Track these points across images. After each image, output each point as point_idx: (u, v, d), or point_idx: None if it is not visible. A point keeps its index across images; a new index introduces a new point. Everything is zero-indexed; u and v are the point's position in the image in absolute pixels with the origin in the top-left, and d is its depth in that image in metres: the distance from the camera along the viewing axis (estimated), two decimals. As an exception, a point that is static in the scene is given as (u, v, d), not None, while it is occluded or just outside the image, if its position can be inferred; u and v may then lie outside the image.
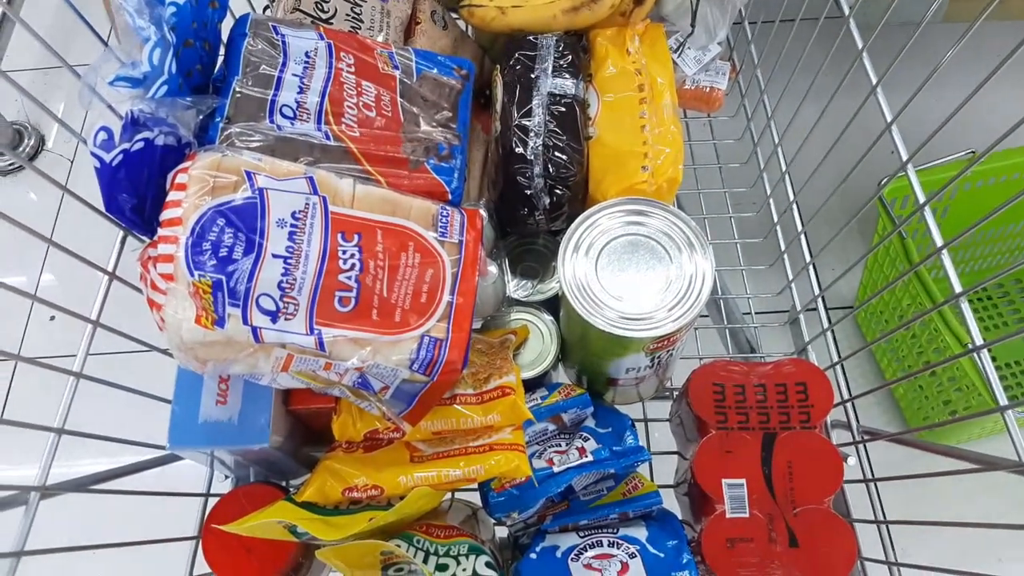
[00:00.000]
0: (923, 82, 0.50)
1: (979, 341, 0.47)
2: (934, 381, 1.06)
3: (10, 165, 1.38)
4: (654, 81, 0.66)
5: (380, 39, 0.66)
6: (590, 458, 0.55)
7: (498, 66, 0.69)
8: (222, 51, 0.54)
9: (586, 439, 0.56)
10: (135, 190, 0.46)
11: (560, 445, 0.56)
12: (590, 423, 0.59)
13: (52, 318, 1.21)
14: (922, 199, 0.51)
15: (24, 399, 1.19)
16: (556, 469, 0.54)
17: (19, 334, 1.23)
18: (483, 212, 0.62)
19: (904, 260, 0.97)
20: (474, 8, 0.71)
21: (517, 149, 0.63)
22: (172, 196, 0.45)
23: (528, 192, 0.63)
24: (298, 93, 0.51)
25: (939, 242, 0.49)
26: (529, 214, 0.65)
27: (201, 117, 0.48)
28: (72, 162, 1.40)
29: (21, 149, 1.39)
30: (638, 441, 0.57)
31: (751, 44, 0.80)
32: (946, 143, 0.67)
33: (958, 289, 0.48)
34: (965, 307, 0.47)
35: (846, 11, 0.59)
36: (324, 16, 0.64)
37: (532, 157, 0.63)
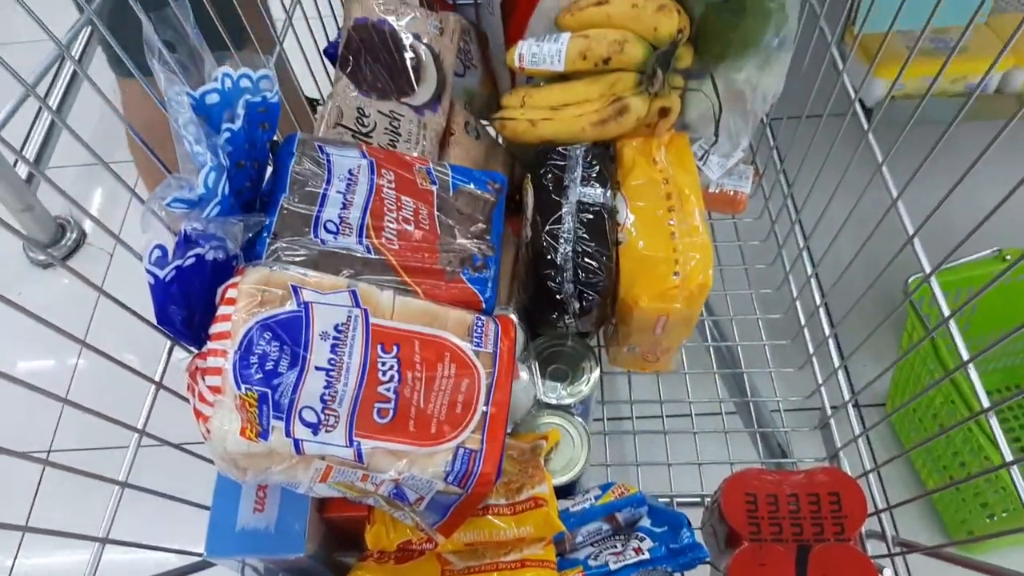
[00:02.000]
0: (944, 197, 0.51)
1: (1008, 456, 0.47)
2: (971, 483, 1.04)
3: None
4: (681, 190, 0.68)
5: (417, 151, 0.69)
6: (646, 555, 0.55)
7: (529, 175, 0.72)
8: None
9: (642, 539, 0.56)
10: (186, 303, 0.48)
11: (616, 547, 0.56)
12: (645, 523, 0.59)
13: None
14: (947, 311, 0.52)
15: (53, 495, 1.20)
16: (613, 567, 0.54)
17: (51, 425, 1.25)
18: (514, 317, 0.64)
19: (935, 359, 0.97)
20: (506, 121, 0.74)
21: (548, 255, 0.65)
22: (222, 310, 0.47)
23: (558, 297, 0.65)
24: (341, 209, 0.53)
25: (965, 355, 0.50)
26: (559, 318, 0.67)
27: (250, 234, 0.50)
28: (112, 255, 1.44)
29: (64, 242, 1.44)
30: (694, 538, 0.57)
31: (773, 150, 0.83)
32: (973, 238, 0.68)
33: (986, 404, 0.48)
34: (994, 422, 0.47)
35: (865, 126, 0.61)
36: (364, 130, 0.68)
37: (562, 263, 0.65)
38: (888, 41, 0.65)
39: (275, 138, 0.56)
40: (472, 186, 0.59)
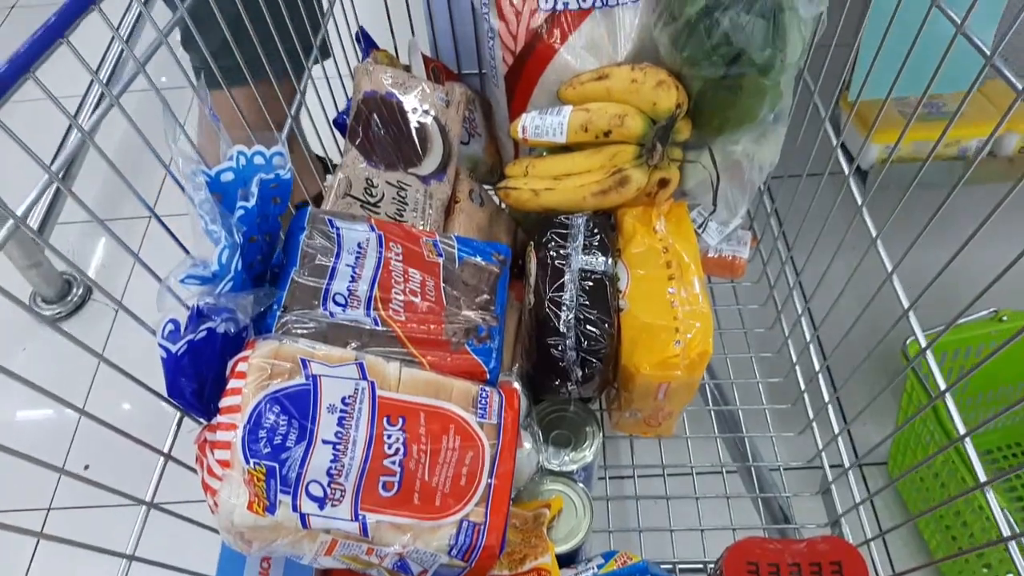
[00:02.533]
0: (939, 272, 0.52)
1: (1005, 530, 0.47)
2: (974, 543, 1.03)
3: (57, 314, 1.44)
4: (681, 258, 0.70)
5: (423, 219, 0.71)
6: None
7: (532, 242, 0.73)
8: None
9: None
10: (197, 376, 0.49)
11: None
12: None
13: (86, 467, 1.23)
14: (943, 385, 0.53)
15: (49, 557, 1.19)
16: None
17: (52, 480, 1.24)
18: (517, 386, 0.65)
19: (935, 421, 0.97)
20: (510, 190, 0.77)
21: (550, 322, 0.66)
22: (232, 384, 0.48)
23: (562, 364, 0.66)
24: (350, 282, 0.55)
25: (961, 428, 0.51)
26: (562, 384, 0.68)
27: (261, 307, 0.51)
28: (116, 312, 1.46)
29: (70, 298, 1.46)
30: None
31: (771, 215, 0.85)
32: (969, 298, 0.68)
33: (983, 478, 0.49)
34: (990, 496, 0.48)
35: (859, 200, 0.63)
36: (373, 200, 0.70)
37: (565, 330, 0.66)
38: (873, 106, 0.67)
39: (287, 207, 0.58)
40: (477, 258, 0.60)
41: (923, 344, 0.55)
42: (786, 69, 0.66)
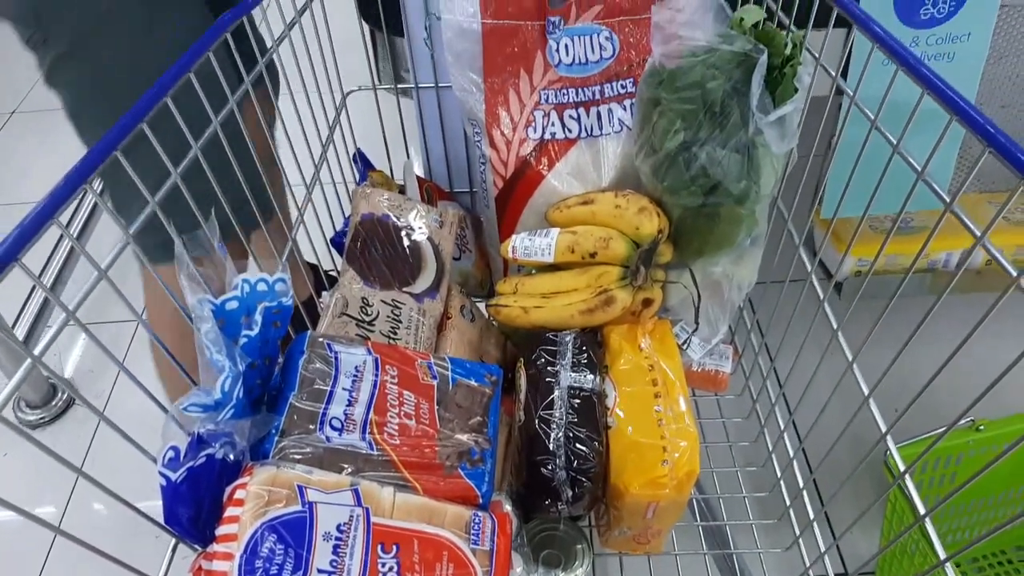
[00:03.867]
0: (915, 397, 0.55)
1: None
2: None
3: (40, 419, 1.43)
4: (666, 375, 0.72)
5: (415, 338, 0.73)
6: None
7: (522, 358, 0.75)
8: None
9: None
10: (195, 502, 0.50)
11: None
12: None
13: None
14: (922, 509, 0.54)
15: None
16: None
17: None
18: (509, 507, 0.65)
19: (919, 532, 0.98)
20: (500, 307, 0.79)
21: (541, 441, 0.67)
22: (230, 512, 0.48)
23: (552, 483, 0.66)
24: (347, 406, 0.56)
25: (942, 553, 0.52)
26: (552, 503, 0.68)
27: (260, 433, 0.53)
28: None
29: (55, 403, 1.45)
30: None
31: (751, 332, 0.88)
32: (947, 406, 0.70)
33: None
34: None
35: (834, 325, 0.66)
36: (368, 319, 0.72)
37: (555, 448, 0.67)
38: (851, 223, 0.71)
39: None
40: (470, 380, 0.62)
41: (902, 467, 0.56)
42: (760, 199, 0.71)
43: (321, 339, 0.60)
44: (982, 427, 1.08)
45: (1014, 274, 0.43)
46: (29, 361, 0.41)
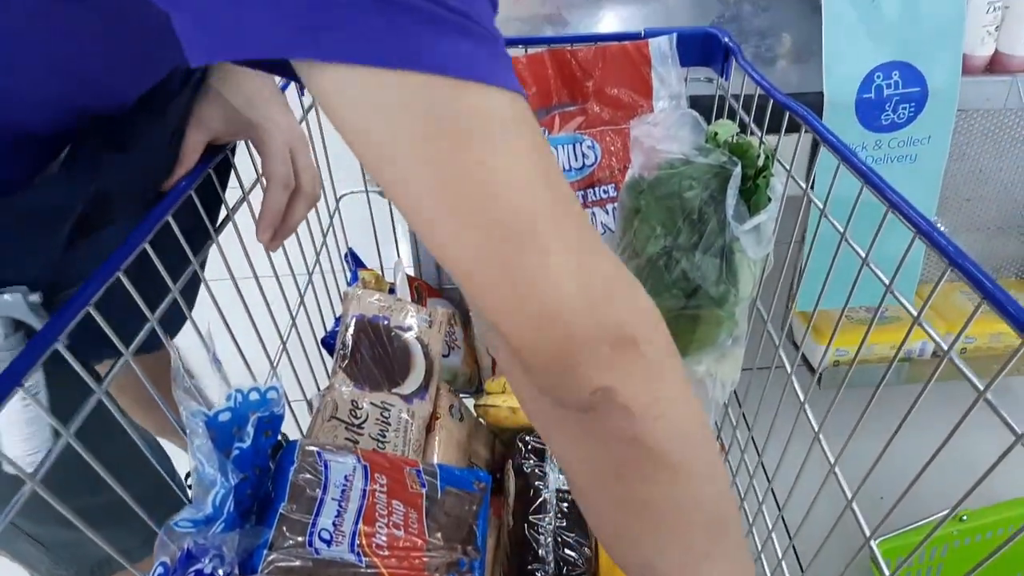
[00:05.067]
0: (896, 503, 0.56)
1: None
2: None
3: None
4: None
5: (405, 438, 0.74)
6: None
7: (510, 460, 0.76)
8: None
9: None
10: (181, 622, 0.49)
11: None
12: None
13: None
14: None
15: None
16: None
17: None
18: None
19: (913, 629, 0.97)
20: (489, 407, 0.80)
21: (530, 547, 0.67)
22: (217, 632, 0.48)
23: (541, 590, 0.66)
24: (335, 517, 0.56)
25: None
26: (542, 609, 0.68)
27: (248, 547, 0.53)
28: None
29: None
30: None
31: (736, 428, 0.89)
32: (933, 497, 0.70)
33: None
34: None
35: (816, 427, 0.67)
36: (357, 422, 0.73)
37: (544, 555, 0.67)
38: (826, 314, 0.73)
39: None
40: (459, 488, 0.63)
41: (886, 572, 0.57)
42: (739, 301, 0.73)
43: (311, 448, 0.60)
44: (965, 517, 1.08)
45: (980, 387, 0.46)
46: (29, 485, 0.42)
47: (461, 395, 0.89)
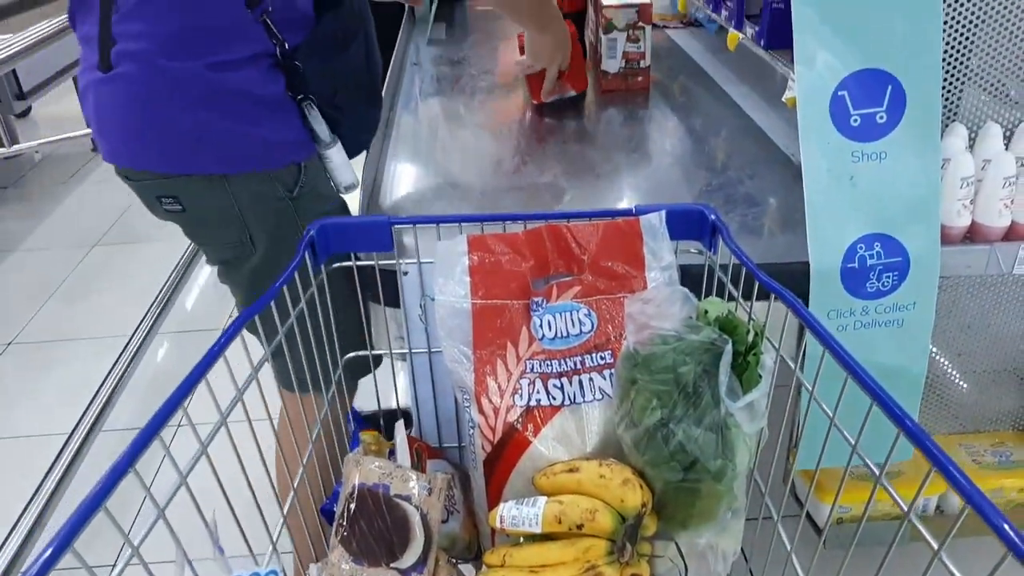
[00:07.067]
0: None
1: None
2: None
3: None
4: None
5: (403, 617, 0.72)
6: None
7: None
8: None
9: None
10: None
11: None
12: None
13: None
14: None
15: None
16: None
17: None
18: None
19: None
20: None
21: None
22: None
23: None
24: None
25: None
26: None
27: None
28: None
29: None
30: None
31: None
32: None
33: None
34: None
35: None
36: (355, 599, 0.72)
37: None
38: (829, 470, 0.73)
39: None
40: (457, 677, 0.61)
41: None
42: (737, 476, 0.74)
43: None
44: None
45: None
46: None
47: (460, 563, 0.88)
